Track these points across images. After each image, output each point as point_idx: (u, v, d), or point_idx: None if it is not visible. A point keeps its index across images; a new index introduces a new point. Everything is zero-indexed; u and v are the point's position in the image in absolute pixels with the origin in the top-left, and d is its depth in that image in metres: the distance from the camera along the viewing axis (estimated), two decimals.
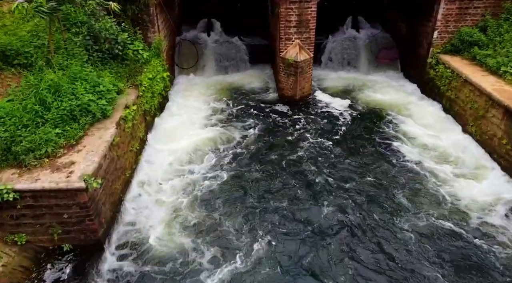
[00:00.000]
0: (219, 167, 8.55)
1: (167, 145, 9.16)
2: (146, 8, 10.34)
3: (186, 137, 9.48)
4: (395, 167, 8.39)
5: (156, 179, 8.08)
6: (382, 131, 9.75)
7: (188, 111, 10.66)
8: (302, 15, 10.60)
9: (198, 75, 13.23)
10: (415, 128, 9.71)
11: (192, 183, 8.02)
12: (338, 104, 11.20)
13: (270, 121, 10.38)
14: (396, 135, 9.56)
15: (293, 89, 11.31)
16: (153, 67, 10.29)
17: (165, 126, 9.91)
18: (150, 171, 8.28)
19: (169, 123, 10.08)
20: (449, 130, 9.57)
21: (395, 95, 11.47)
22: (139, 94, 9.05)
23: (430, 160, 8.56)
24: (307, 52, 11.03)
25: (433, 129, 9.63)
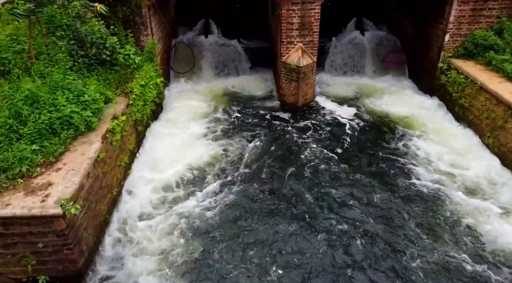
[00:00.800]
0: (216, 188, 7.72)
1: (160, 158, 8.46)
2: (138, 9, 9.67)
3: (181, 150, 8.75)
4: (406, 189, 7.51)
5: (147, 197, 7.39)
6: (391, 147, 8.91)
7: (183, 121, 9.95)
8: (305, 17, 9.93)
9: (194, 80, 12.55)
10: (427, 144, 8.87)
11: (187, 209, 7.18)
12: (343, 112, 10.52)
13: (272, 132, 9.63)
14: (406, 152, 8.68)
15: (295, 95, 10.64)
16: (145, 72, 9.61)
17: (158, 137, 9.21)
18: (140, 188, 7.59)
19: (163, 134, 9.38)
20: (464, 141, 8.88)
21: (403, 103, 10.71)
22: (130, 102, 8.38)
23: (446, 183, 7.61)
24: (310, 57, 10.35)
25: (447, 144, 8.82)
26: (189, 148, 8.83)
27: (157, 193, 7.54)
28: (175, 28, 13.77)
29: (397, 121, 9.93)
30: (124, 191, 7.48)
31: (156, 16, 10.56)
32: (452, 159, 8.28)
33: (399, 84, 12.05)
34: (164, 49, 11.78)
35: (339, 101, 11.23)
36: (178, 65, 12.56)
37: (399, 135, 9.34)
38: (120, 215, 6.95)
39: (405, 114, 10.14)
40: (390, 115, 10.22)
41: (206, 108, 10.65)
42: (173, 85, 12.16)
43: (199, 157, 8.54)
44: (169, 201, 7.39)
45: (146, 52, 9.96)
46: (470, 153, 8.45)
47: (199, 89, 12.04)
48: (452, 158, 8.32)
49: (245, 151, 8.84)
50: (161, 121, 9.99)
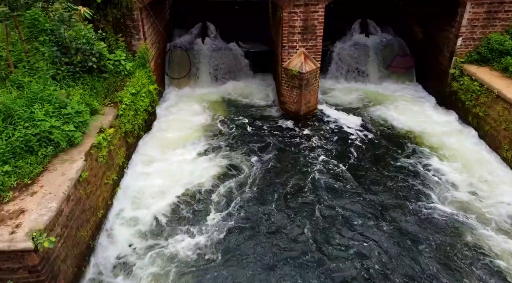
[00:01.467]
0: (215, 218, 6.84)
1: (152, 175, 7.81)
2: (129, 12, 9.04)
3: (176, 166, 8.05)
4: (417, 214, 6.73)
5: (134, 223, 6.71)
6: (400, 164, 8.13)
7: (178, 131, 9.29)
8: (308, 21, 9.29)
9: (191, 86, 11.90)
10: (441, 162, 8.09)
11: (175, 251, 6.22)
12: (348, 121, 9.86)
13: (274, 145, 8.92)
14: (417, 170, 7.86)
15: (297, 103, 10.00)
16: (137, 79, 8.98)
17: (150, 151, 8.56)
18: (128, 210, 6.93)
19: (156, 146, 8.73)
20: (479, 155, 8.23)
21: (413, 113, 10.04)
22: (119, 113, 7.74)
23: (465, 210, 6.79)
24: (313, 62, 9.72)
25: (463, 160, 8.08)
26: (183, 165, 8.11)
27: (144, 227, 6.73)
28: (171, 31, 13.14)
29: (407, 134, 9.19)
30: (110, 212, 6.83)
31: (149, 19, 9.93)
32: (469, 178, 7.55)
33: (407, 91, 11.41)
34: (159, 53, 11.15)
35: (343, 109, 10.58)
36: (173, 70, 11.93)
37: (409, 150, 8.56)
38: (104, 241, 6.29)
39: (415, 126, 9.44)
40: (399, 127, 9.48)
41: (202, 118, 9.99)
42: (168, 92, 11.53)
43: (195, 179, 7.69)
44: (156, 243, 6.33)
45: (138, 58, 9.32)
46: (489, 170, 7.76)
47: (195, 95, 11.40)
48: (469, 176, 7.60)
49: (245, 169, 8.06)
50: (154, 132, 9.31)
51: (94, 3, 8.69)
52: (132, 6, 8.94)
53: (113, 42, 9.15)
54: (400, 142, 8.91)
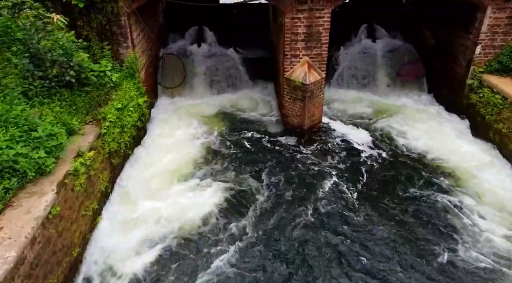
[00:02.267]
0: None
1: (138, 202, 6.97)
2: (115, 18, 8.20)
3: (165, 195, 7.10)
4: (439, 258, 5.75)
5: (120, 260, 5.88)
6: (415, 192, 7.12)
7: (170, 150, 8.40)
8: (313, 27, 8.46)
9: (185, 96, 11.06)
10: (462, 192, 7.06)
11: None
12: (356, 137, 9.02)
13: (275, 166, 8.04)
14: (437, 201, 6.81)
15: (301, 117, 9.16)
16: (124, 92, 8.14)
17: (138, 173, 7.72)
18: (111, 244, 6.09)
19: (144, 166, 7.88)
20: None
21: (427, 128, 9.14)
22: (102, 132, 6.91)
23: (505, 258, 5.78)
24: (318, 72, 8.88)
25: (489, 192, 7.06)
26: (174, 195, 7.21)
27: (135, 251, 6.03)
28: (165, 36, 12.31)
29: (422, 156, 8.23)
30: (89, 249, 5.99)
31: (139, 25, 9.09)
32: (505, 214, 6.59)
33: (418, 102, 10.57)
34: (150, 61, 10.31)
35: (350, 123, 9.74)
36: (166, 79, 11.09)
37: (425, 176, 7.57)
38: None
39: (430, 145, 8.52)
40: (412, 146, 8.56)
41: (197, 134, 9.11)
42: (161, 103, 10.68)
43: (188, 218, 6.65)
44: None
45: (126, 68, 8.49)
46: None
47: (190, 107, 10.56)
48: (497, 209, 6.68)
49: (244, 196, 7.14)
50: (143, 149, 8.46)
51: (76, 8, 7.87)
52: (119, 11, 8.10)
53: (98, 51, 8.32)
54: (415, 166, 7.90)
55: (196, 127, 9.32)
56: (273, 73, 11.60)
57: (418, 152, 8.40)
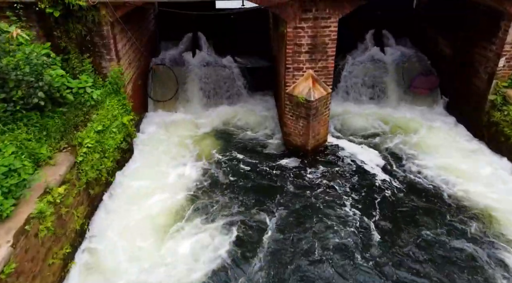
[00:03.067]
0: None
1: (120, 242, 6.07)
2: (97, 28, 7.32)
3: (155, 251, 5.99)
4: None
5: None
6: (438, 233, 6.13)
7: (158, 178, 7.46)
8: (318, 37, 7.56)
9: (178, 110, 10.15)
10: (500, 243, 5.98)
11: None
12: (366, 158, 8.14)
13: (277, 195, 7.15)
14: (465, 249, 5.85)
15: (304, 136, 8.27)
16: (107, 111, 7.27)
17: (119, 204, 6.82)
18: None
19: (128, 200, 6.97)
20: None
21: (444, 150, 8.22)
22: (78, 160, 6.03)
23: None
24: (323, 87, 7.99)
25: None
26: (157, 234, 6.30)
27: None
28: (156, 45, 11.41)
29: (441, 182, 7.30)
30: None
31: (125, 34, 8.20)
32: None
33: (432, 117, 9.64)
34: (139, 73, 9.41)
35: (358, 141, 8.85)
36: (157, 92, 10.20)
37: (448, 212, 6.55)
38: None
39: (447, 168, 7.61)
40: (429, 170, 7.63)
41: (190, 155, 8.21)
42: (151, 118, 9.77)
43: None
44: None
45: (109, 83, 7.60)
46: None
47: (183, 122, 9.65)
48: None
49: (246, 244, 6.10)
50: (128, 174, 7.57)
51: (51, 18, 6.99)
52: (101, 20, 7.22)
53: (77, 64, 7.45)
54: (433, 199, 6.90)
55: (189, 149, 8.41)
56: (273, 84, 10.71)
57: (435, 179, 7.43)
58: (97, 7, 7.05)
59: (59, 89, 6.41)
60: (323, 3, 7.18)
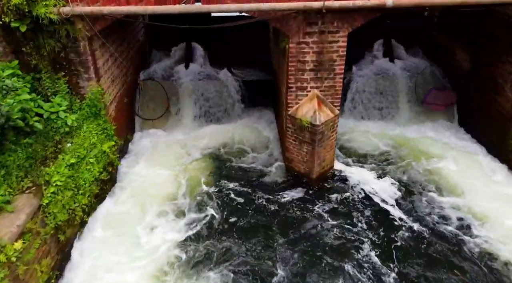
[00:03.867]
0: None
1: None
2: (72, 43, 6.40)
3: None
4: None
5: None
6: None
7: (142, 220, 6.55)
8: (324, 54, 6.66)
9: (169, 130, 9.23)
10: None
11: None
12: (378, 188, 7.23)
13: (283, 231, 6.28)
14: None
15: (308, 163, 7.36)
16: (83, 138, 6.36)
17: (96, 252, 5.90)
18: None
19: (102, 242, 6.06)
20: None
21: (467, 181, 7.22)
22: (43, 202, 5.13)
23: None
24: (330, 109, 7.08)
25: None
26: None
27: None
28: (146, 56, 10.49)
29: (466, 225, 6.29)
30: None
31: (105, 49, 7.28)
32: None
33: (448, 138, 8.71)
34: (125, 90, 8.50)
35: (367, 166, 7.93)
36: (146, 109, 9.28)
37: (476, 269, 5.56)
38: None
39: (472, 206, 6.61)
40: (451, 208, 6.65)
41: (180, 185, 7.27)
42: (139, 139, 8.86)
43: None
44: None
45: (87, 106, 6.68)
46: None
47: (174, 143, 8.72)
48: None
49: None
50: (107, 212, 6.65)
51: (18, 32, 6.08)
52: (76, 35, 6.30)
53: (50, 84, 6.52)
54: (455, 248, 5.90)
55: (177, 179, 7.45)
56: (274, 100, 9.80)
57: (456, 222, 6.41)
58: (71, 20, 6.13)
59: (25, 117, 5.50)
60: (331, 16, 6.27)
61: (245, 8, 6.08)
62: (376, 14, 6.41)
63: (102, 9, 6.07)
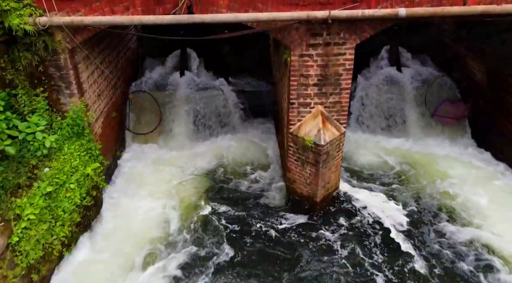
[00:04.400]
0: None
1: None
2: (52, 56, 5.80)
3: None
4: None
5: None
6: None
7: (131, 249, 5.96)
8: (329, 67, 6.05)
9: (161, 145, 8.62)
10: None
11: None
12: (386, 214, 6.62)
13: (286, 265, 5.67)
14: None
15: (312, 185, 6.75)
16: (63, 162, 5.76)
17: None
18: None
19: None
20: None
21: (483, 210, 6.51)
22: (12, 241, 4.53)
23: None
24: (335, 127, 6.47)
25: None
26: None
27: None
28: (139, 65, 9.88)
29: (488, 267, 5.55)
30: None
31: (90, 62, 6.67)
32: None
33: (461, 155, 8.11)
34: (113, 103, 7.88)
35: (376, 187, 7.34)
36: (137, 123, 8.68)
37: None
38: None
39: (495, 248, 5.86)
40: (468, 243, 5.97)
41: (168, 215, 6.59)
42: (129, 156, 8.25)
43: None
44: None
45: (67, 125, 6.07)
46: None
47: (166, 161, 8.11)
48: None
49: None
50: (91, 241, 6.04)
51: None
52: (56, 47, 5.70)
53: (27, 101, 5.92)
54: None
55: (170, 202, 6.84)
56: (274, 113, 9.20)
57: (477, 260, 5.68)
58: (50, 32, 5.53)
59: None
60: (337, 26, 5.66)
61: (242, 19, 5.47)
62: (387, 24, 5.80)
63: (84, 19, 5.46)
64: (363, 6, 5.54)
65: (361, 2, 5.52)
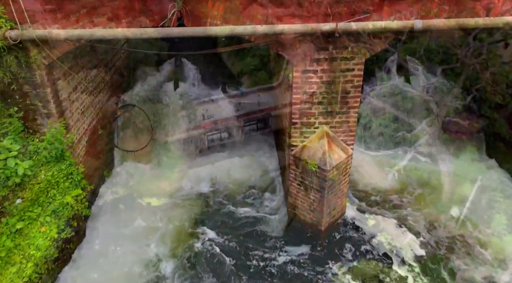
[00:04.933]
0: None
1: None
2: (26, 73, 5.19)
3: None
4: None
5: None
6: None
7: None
8: (336, 84, 5.45)
9: (153, 164, 7.98)
10: None
11: None
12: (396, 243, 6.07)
13: None
14: None
15: (316, 212, 6.14)
16: (38, 191, 5.15)
17: None
18: None
19: None
20: None
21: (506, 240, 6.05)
22: None
23: None
24: (342, 149, 5.86)
25: None
26: None
27: None
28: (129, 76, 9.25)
29: None
30: None
31: (71, 76, 6.06)
32: None
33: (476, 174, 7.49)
34: (100, 120, 7.26)
35: (385, 213, 6.73)
36: (126, 140, 8.06)
37: None
38: None
39: None
40: None
41: (157, 249, 5.97)
42: (116, 177, 7.62)
43: None
44: None
45: (44, 149, 5.46)
46: None
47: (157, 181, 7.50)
48: None
49: None
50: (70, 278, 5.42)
51: None
52: (30, 63, 5.09)
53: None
54: None
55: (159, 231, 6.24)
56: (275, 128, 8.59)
57: None
58: (22, 47, 4.93)
59: None
60: (345, 39, 5.06)
61: (239, 32, 4.86)
62: (401, 37, 5.20)
63: (60, 32, 4.85)
64: (374, 17, 4.94)
65: (372, 13, 4.93)
